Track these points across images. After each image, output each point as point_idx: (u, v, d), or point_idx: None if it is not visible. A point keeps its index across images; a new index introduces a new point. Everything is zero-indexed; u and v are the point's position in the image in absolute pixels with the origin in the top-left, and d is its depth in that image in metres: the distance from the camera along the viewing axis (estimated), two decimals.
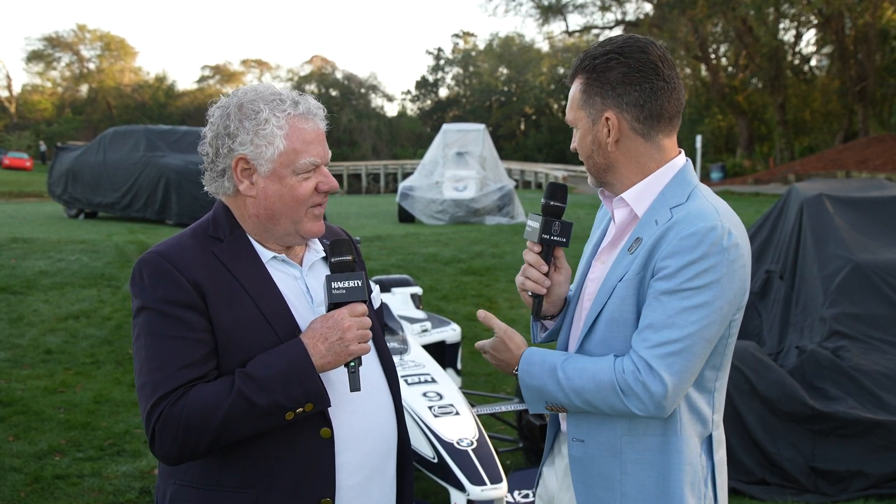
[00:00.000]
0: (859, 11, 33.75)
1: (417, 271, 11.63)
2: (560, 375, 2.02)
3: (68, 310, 9.37)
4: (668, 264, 1.94)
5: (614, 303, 2.02)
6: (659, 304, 1.93)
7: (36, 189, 38.86)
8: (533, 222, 2.17)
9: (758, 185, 29.87)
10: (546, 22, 48.68)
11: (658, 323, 1.92)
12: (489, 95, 71.28)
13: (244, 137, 1.97)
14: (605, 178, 2.14)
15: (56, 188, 20.27)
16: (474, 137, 21.71)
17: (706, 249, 1.91)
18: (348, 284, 1.95)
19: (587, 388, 1.98)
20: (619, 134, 2.06)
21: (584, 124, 2.09)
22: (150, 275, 1.93)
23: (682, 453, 2.02)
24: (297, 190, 1.99)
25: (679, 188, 2.08)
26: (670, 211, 2.04)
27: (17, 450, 5.52)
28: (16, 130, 68.12)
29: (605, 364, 1.98)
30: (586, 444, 2.09)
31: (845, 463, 4.84)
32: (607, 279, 2.07)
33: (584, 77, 2.07)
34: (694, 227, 1.93)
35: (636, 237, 2.05)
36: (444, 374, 4.83)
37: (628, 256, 2.04)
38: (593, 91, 2.06)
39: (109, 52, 74.77)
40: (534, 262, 2.16)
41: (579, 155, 2.15)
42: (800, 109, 42.16)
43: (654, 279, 1.96)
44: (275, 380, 1.86)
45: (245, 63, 77.71)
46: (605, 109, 2.05)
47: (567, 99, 2.16)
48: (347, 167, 49.59)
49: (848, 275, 5.93)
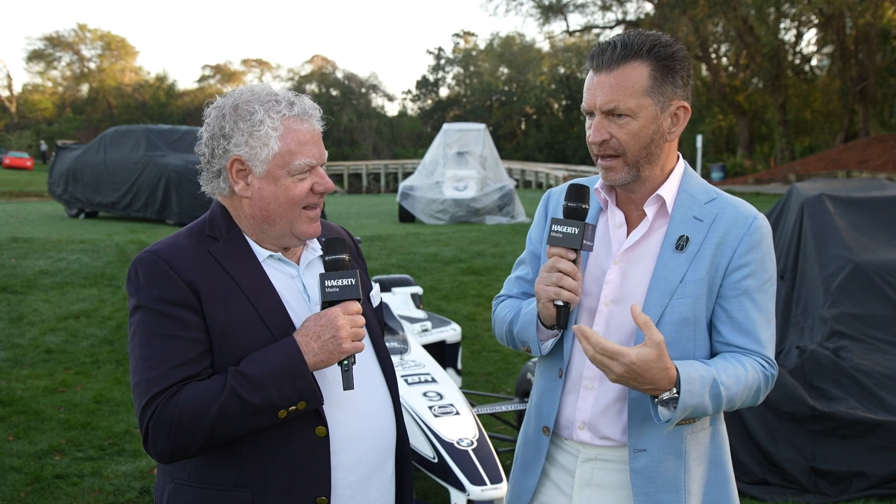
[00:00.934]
0: (860, 11, 33.78)
1: (418, 271, 11.63)
2: (721, 389, 1.93)
3: (68, 309, 9.37)
4: (748, 260, 2.02)
5: (685, 303, 2.00)
6: (753, 303, 2.03)
7: (36, 189, 38.88)
8: (564, 227, 2.00)
9: (758, 185, 29.89)
10: (547, 21, 48.79)
11: (761, 320, 2.03)
12: (490, 95, 71.30)
13: (239, 138, 1.97)
14: (642, 173, 2.06)
15: (56, 188, 20.28)
16: (475, 137, 21.72)
17: (769, 239, 2.06)
18: (342, 283, 1.94)
19: (739, 395, 1.98)
20: (683, 124, 2.05)
21: (648, 112, 1.99)
22: (146, 274, 1.93)
23: (725, 438, 2.16)
24: (293, 191, 1.98)
25: (698, 185, 2.12)
26: (707, 206, 2.06)
27: (17, 449, 5.52)
28: (16, 130, 68.18)
29: (750, 366, 2.01)
30: (649, 452, 2.04)
31: (846, 463, 4.83)
32: (660, 279, 2.02)
33: (656, 63, 1.98)
34: (752, 221, 2.04)
35: (680, 235, 2.03)
36: (445, 374, 4.82)
37: (678, 255, 2.02)
38: (667, 79, 2.00)
39: (110, 52, 74.86)
40: (570, 270, 1.99)
41: (625, 146, 2.01)
42: (800, 109, 42.18)
43: (739, 278, 2.01)
44: (268, 378, 1.86)
45: (246, 63, 77.87)
46: (676, 99, 2.02)
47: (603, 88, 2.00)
48: (348, 167, 49.62)
49: (849, 275, 5.92)
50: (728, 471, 2.14)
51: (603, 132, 2.02)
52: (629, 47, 1.99)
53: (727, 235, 2.03)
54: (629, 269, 2.09)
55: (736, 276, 2.02)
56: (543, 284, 2.02)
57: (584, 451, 2.15)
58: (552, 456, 2.22)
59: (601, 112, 2.02)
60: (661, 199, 2.07)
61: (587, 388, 2.13)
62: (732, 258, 2.02)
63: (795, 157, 37.80)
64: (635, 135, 2.00)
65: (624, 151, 2.02)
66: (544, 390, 2.23)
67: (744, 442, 5.00)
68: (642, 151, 2.02)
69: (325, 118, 2.11)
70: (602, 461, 2.13)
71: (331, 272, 1.96)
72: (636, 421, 2.05)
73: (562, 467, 2.20)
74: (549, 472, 2.23)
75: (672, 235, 2.05)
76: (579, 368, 2.14)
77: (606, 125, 2.02)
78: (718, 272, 2.03)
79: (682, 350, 2.03)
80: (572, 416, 2.15)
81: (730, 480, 2.14)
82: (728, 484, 2.13)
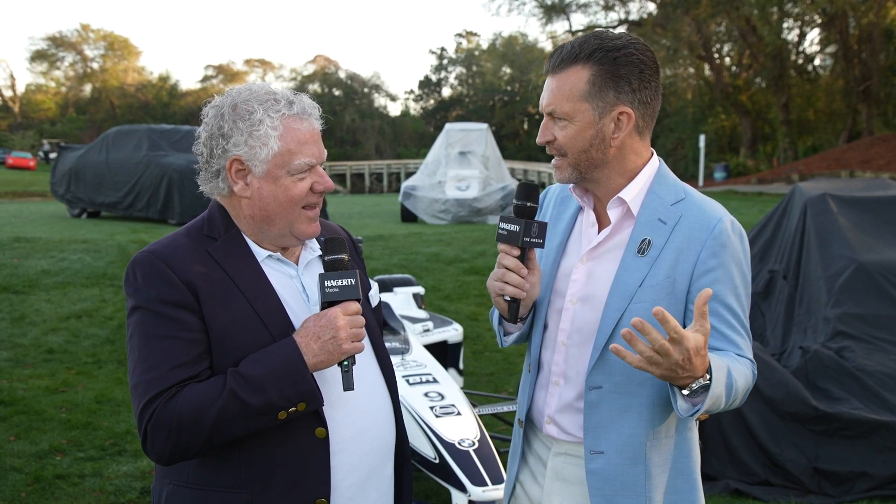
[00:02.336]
0: (863, 11, 33.71)
1: (420, 271, 11.62)
2: (733, 380, 1.91)
3: (70, 309, 9.37)
4: (713, 265, 1.99)
5: (642, 308, 1.98)
6: (724, 307, 1.99)
7: (39, 189, 38.93)
8: (508, 225, 2.07)
9: (761, 185, 29.83)
10: (549, 21, 48.72)
11: (737, 323, 2.01)
12: (492, 95, 71.29)
13: (238, 138, 1.95)
14: (590, 175, 2.07)
15: (59, 188, 20.32)
16: (477, 137, 21.73)
17: (735, 240, 2.02)
18: (342, 283, 1.93)
19: (743, 388, 1.98)
20: (627, 130, 2.02)
21: (585, 117, 2.00)
22: (144, 274, 1.92)
23: (693, 446, 2.12)
24: (292, 190, 1.97)
25: (668, 185, 2.10)
26: (672, 208, 2.04)
27: (19, 449, 5.51)
28: (20, 130, 68.34)
29: (745, 362, 2.00)
30: (606, 455, 2.05)
31: (849, 464, 4.82)
32: (620, 282, 2.02)
33: (596, 68, 1.98)
34: (716, 224, 2.00)
35: (643, 238, 2.03)
36: (446, 375, 4.81)
37: (639, 259, 2.01)
38: (607, 84, 1.98)
39: (113, 52, 74.99)
40: (514, 266, 2.06)
41: (565, 148, 2.04)
42: (803, 109, 42.06)
43: (706, 284, 1.97)
44: (267, 379, 1.84)
45: (248, 63, 77.88)
46: (618, 104, 2.00)
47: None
48: (350, 167, 49.62)
49: (852, 275, 5.90)
50: (695, 478, 2.11)
51: (547, 133, 2.07)
52: (573, 51, 2.01)
53: (689, 239, 2.00)
54: (595, 269, 2.10)
55: (703, 282, 1.99)
56: (492, 280, 2.11)
57: (555, 445, 2.18)
58: (532, 446, 2.27)
59: (546, 114, 2.06)
60: (622, 201, 2.07)
61: (554, 385, 2.16)
62: (697, 264, 1.99)
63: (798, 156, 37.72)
64: (573, 138, 2.02)
65: (565, 153, 2.05)
66: (522, 383, 2.30)
67: (746, 442, 4.98)
68: (582, 155, 2.04)
69: (324, 117, 2.09)
70: (571, 456, 2.15)
71: (330, 272, 1.95)
72: (592, 423, 2.06)
73: (538, 458, 2.24)
74: (528, 461, 2.27)
75: (635, 239, 2.05)
76: (548, 364, 2.18)
77: (551, 127, 2.06)
78: (682, 278, 2.00)
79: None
80: (542, 410, 2.20)
81: (696, 488, 2.11)
82: (695, 492, 2.11)
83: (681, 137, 43.08)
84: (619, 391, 2.03)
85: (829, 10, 33.86)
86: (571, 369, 2.12)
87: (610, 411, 2.04)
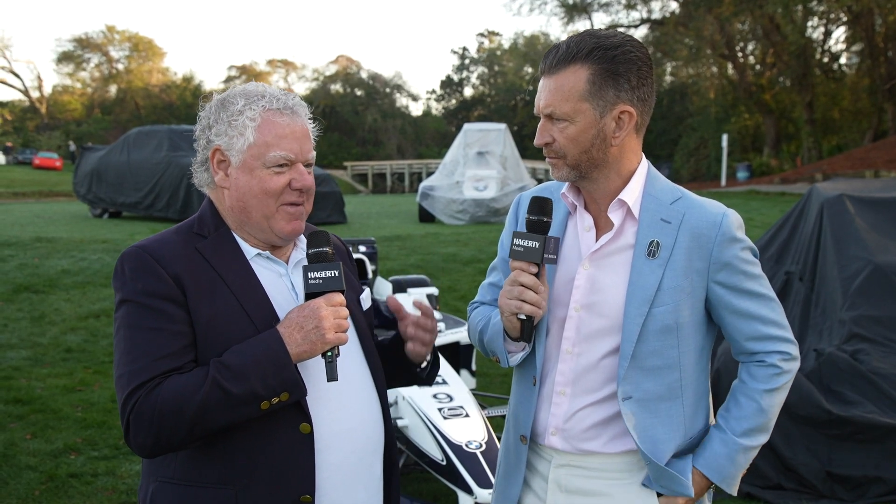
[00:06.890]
0: (889, 8, 33.28)
1: (436, 271, 11.62)
2: (748, 441, 2.06)
3: (89, 309, 9.47)
4: (728, 259, 2.00)
5: (665, 311, 1.98)
6: (750, 296, 2.03)
7: (65, 189, 39.39)
8: (525, 241, 1.99)
9: (784, 185, 29.51)
10: (571, 21, 48.46)
11: (767, 316, 2.04)
12: (514, 95, 71.16)
13: (219, 128, 2.00)
14: (590, 175, 2.05)
15: (81, 188, 20.55)
16: (495, 137, 21.70)
17: (741, 231, 2.03)
18: (325, 274, 1.93)
19: (771, 419, 2.09)
20: (628, 129, 2.00)
21: (586, 117, 1.97)
22: (132, 268, 1.94)
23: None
24: (267, 183, 1.98)
25: (661, 185, 2.09)
26: (672, 207, 2.03)
27: (34, 448, 5.58)
28: (46, 131, 69.14)
29: (755, 392, 2.07)
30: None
31: (862, 468, 4.75)
32: (636, 288, 1.99)
33: (595, 67, 1.95)
34: (722, 219, 2.01)
35: (650, 240, 2.01)
36: (456, 376, 4.81)
37: (651, 262, 2.00)
38: (607, 83, 1.96)
39: (138, 53, 75.68)
40: (532, 284, 1.97)
41: (565, 149, 2.01)
42: (828, 108, 41.62)
43: (726, 278, 2.01)
44: (250, 367, 1.84)
45: (271, 63, 78.21)
46: (619, 103, 1.97)
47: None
48: (372, 167, 49.81)
49: (868, 276, 5.82)
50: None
51: (545, 135, 2.03)
52: (570, 51, 1.98)
53: (698, 237, 2.00)
54: (598, 274, 2.06)
55: (721, 276, 2.01)
56: (506, 298, 2.01)
57: (557, 456, 2.14)
58: (530, 462, 2.21)
59: (543, 115, 2.03)
60: (624, 203, 2.05)
61: (560, 395, 2.11)
62: (711, 261, 2.00)
63: (822, 156, 37.33)
64: (574, 139, 2.00)
65: (564, 154, 2.02)
66: (521, 399, 2.21)
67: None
68: (583, 155, 2.01)
69: (317, 119, 2.11)
70: (574, 467, 2.12)
71: (314, 264, 1.95)
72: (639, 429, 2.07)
73: (538, 473, 2.19)
74: (528, 479, 2.21)
75: (642, 241, 2.02)
76: (552, 375, 2.13)
77: (549, 128, 2.03)
78: (699, 277, 2.01)
79: (668, 358, 2.02)
80: (546, 423, 2.14)
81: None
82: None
83: (704, 137, 42.79)
84: (649, 398, 2.03)
85: (854, 7, 33.48)
86: (580, 378, 2.08)
87: (643, 419, 2.04)
